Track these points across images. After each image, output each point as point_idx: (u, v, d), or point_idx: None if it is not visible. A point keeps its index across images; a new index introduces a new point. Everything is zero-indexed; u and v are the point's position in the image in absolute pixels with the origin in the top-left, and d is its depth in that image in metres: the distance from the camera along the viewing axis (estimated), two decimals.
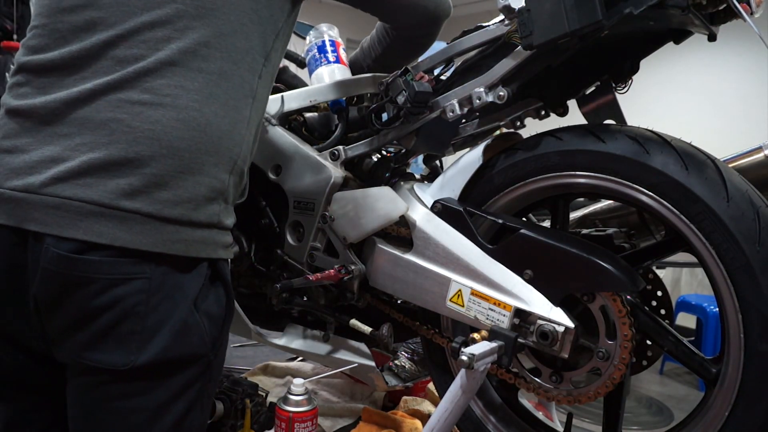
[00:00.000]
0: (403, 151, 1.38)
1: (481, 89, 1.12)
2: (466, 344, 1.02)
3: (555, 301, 1.07)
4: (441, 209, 1.21)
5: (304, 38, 1.65)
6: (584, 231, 1.24)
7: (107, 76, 0.87)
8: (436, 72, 1.25)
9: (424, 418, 1.62)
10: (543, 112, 1.26)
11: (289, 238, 1.43)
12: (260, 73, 1.00)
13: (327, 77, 1.51)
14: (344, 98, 1.44)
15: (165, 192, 0.87)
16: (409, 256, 1.22)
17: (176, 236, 0.88)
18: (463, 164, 1.23)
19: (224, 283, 0.98)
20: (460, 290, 1.14)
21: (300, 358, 2.11)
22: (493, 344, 1.03)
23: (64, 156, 0.85)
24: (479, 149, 1.22)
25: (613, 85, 1.17)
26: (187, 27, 0.90)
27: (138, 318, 0.86)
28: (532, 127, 1.26)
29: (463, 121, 1.32)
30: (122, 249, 0.85)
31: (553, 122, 1.16)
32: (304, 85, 1.56)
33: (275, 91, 1.76)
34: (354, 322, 1.35)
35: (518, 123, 1.30)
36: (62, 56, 0.90)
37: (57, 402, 0.96)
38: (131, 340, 0.87)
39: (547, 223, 1.28)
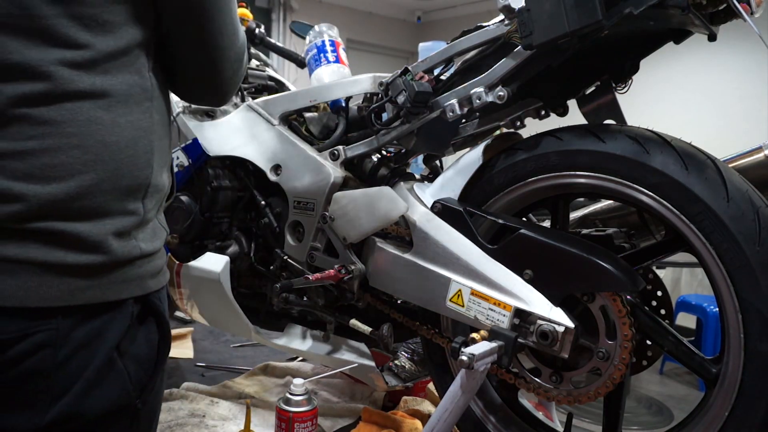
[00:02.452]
0: (403, 151, 1.38)
1: (481, 89, 1.12)
2: (466, 344, 1.02)
3: (555, 301, 1.07)
4: (441, 209, 1.21)
5: (304, 38, 1.65)
6: (584, 231, 1.24)
7: None
8: (436, 72, 1.25)
9: (424, 418, 1.62)
10: (543, 112, 1.26)
11: (289, 238, 1.43)
12: (149, 66, 0.82)
13: (327, 77, 1.51)
14: (344, 98, 1.44)
15: (63, 242, 0.73)
16: (409, 256, 1.22)
17: (86, 283, 0.74)
18: (463, 164, 1.23)
19: (157, 317, 0.84)
20: (460, 290, 1.14)
21: (300, 358, 2.11)
22: (493, 344, 1.03)
23: None
24: (479, 149, 1.22)
25: (613, 85, 1.17)
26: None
27: (43, 376, 0.73)
28: (532, 127, 1.26)
29: (463, 121, 1.32)
30: (17, 308, 0.70)
31: (553, 122, 1.16)
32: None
33: (274, 90, 1.77)
34: (354, 322, 1.35)
35: (518, 123, 1.29)
36: None
37: None
38: (37, 400, 0.74)
39: (547, 223, 1.28)
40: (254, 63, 1.85)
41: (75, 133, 0.73)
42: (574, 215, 1.56)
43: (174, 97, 1.04)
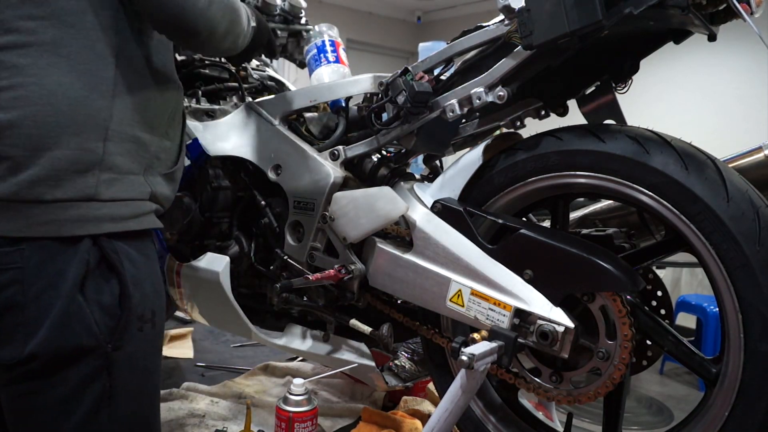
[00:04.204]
0: (403, 151, 1.38)
1: (481, 89, 1.12)
2: (466, 344, 1.02)
3: (555, 301, 1.07)
4: (441, 209, 1.21)
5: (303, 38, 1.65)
6: (584, 231, 1.24)
7: None
8: (436, 72, 1.25)
9: (424, 418, 1.62)
10: (543, 112, 1.26)
11: (289, 238, 1.43)
12: (117, 29, 0.94)
13: (327, 77, 1.51)
14: (344, 98, 1.44)
15: (19, 174, 0.84)
16: (409, 256, 1.22)
17: (43, 217, 0.85)
18: (463, 164, 1.23)
19: (115, 270, 0.92)
20: (460, 290, 1.14)
21: (300, 358, 2.11)
22: (493, 344, 1.03)
23: None
24: (479, 149, 1.22)
25: (613, 85, 1.17)
26: None
27: (17, 310, 0.85)
28: (532, 127, 1.26)
29: (463, 121, 1.32)
30: None
31: (553, 122, 1.16)
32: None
33: (274, 90, 1.77)
34: (354, 322, 1.35)
35: (518, 123, 1.29)
36: None
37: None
38: (16, 333, 0.86)
39: (547, 223, 1.28)
40: (254, 63, 1.85)
41: (35, 73, 0.86)
42: (574, 215, 1.56)
43: None
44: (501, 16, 1.08)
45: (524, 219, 1.26)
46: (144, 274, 0.97)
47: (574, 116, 1.22)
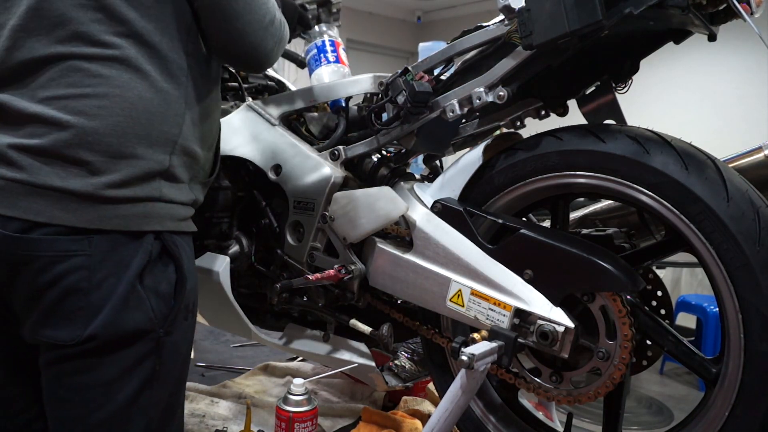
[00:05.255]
0: (403, 151, 1.38)
1: (481, 89, 1.12)
2: (466, 344, 1.02)
3: (555, 301, 1.07)
4: (441, 209, 1.21)
5: (304, 38, 1.65)
6: (584, 231, 1.24)
7: (31, 77, 0.92)
8: (436, 72, 1.25)
9: (424, 418, 1.62)
10: (543, 112, 1.26)
11: (289, 238, 1.43)
12: (187, 51, 1.02)
13: (327, 77, 1.51)
14: (344, 98, 1.44)
15: (96, 177, 0.91)
16: (409, 256, 1.22)
17: (113, 212, 0.92)
18: (463, 164, 1.23)
19: (175, 260, 1.00)
20: (460, 290, 1.14)
21: (300, 358, 2.11)
22: (493, 344, 1.03)
23: (10, 144, 0.91)
24: (479, 149, 1.22)
25: (613, 85, 1.17)
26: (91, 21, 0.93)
27: (81, 294, 0.91)
28: (532, 127, 1.26)
29: (463, 121, 1.32)
30: (60, 226, 0.89)
31: (553, 122, 1.16)
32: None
33: (274, 90, 1.77)
34: (354, 322, 1.35)
35: (518, 123, 1.29)
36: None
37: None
38: (77, 316, 0.91)
39: (547, 223, 1.28)
40: None
41: (119, 85, 0.93)
42: (574, 215, 1.56)
43: None
44: (501, 16, 1.08)
45: (524, 219, 1.26)
46: (192, 267, 1.05)
47: (574, 116, 1.22)
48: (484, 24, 1.15)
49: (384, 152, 1.45)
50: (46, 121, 0.90)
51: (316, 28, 1.59)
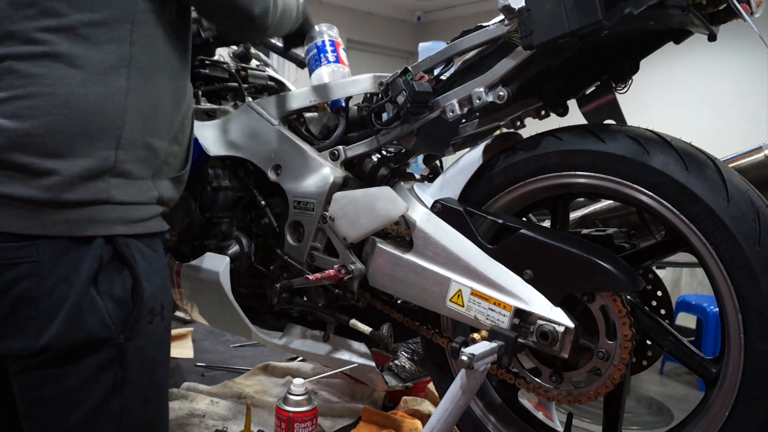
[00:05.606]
0: (403, 151, 1.38)
1: (481, 89, 1.12)
2: (466, 344, 1.02)
3: (555, 301, 1.07)
4: (441, 209, 1.21)
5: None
6: (584, 231, 1.24)
7: None
8: (436, 72, 1.25)
9: (424, 418, 1.62)
10: (543, 112, 1.26)
11: (289, 238, 1.43)
12: (131, 40, 0.96)
13: (327, 77, 1.51)
14: (344, 98, 1.44)
15: (36, 180, 0.88)
16: (409, 256, 1.22)
17: (57, 217, 0.89)
18: (463, 164, 1.23)
19: (128, 265, 0.96)
20: (460, 290, 1.14)
21: (300, 358, 2.11)
22: (493, 344, 1.03)
23: None
24: (479, 149, 1.22)
25: (613, 85, 1.17)
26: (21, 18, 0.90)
27: (31, 303, 0.88)
28: (532, 127, 1.26)
29: (463, 121, 1.31)
30: (3, 234, 0.87)
31: (553, 122, 1.16)
32: None
33: (274, 90, 1.77)
34: (354, 322, 1.35)
35: (518, 123, 1.29)
36: None
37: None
38: (28, 326, 0.89)
39: (547, 223, 1.28)
40: (254, 63, 1.85)
41: (50, 83, 0.89)
42: (574, 215, 1.56)
43: None
44: (501, 16, 1.08)
45: (524, 219, 1.26)
46: (154, 269, 1.00)
47: (574, 116, 1.22)
48: (484, 24, 1.15)
49: (384, 152, 1.45)
50: None
51: (316, 27, 1.59)
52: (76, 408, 0.93)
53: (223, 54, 1.77)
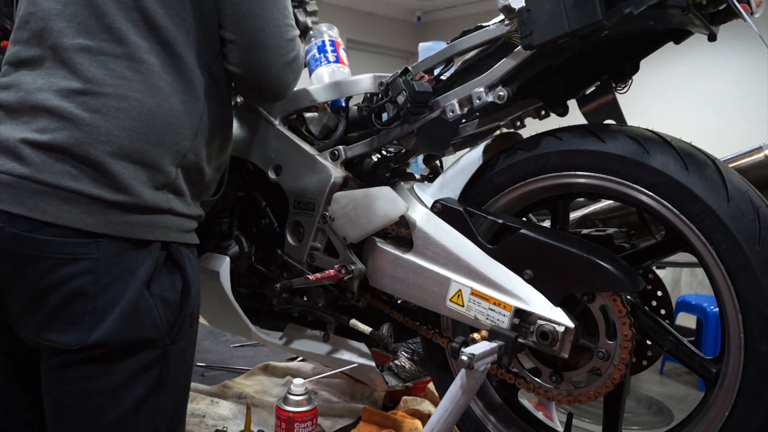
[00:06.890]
0: (403, 151, 1.38)
1: (481, 89, 1.12)
2: (466, 344, 1.02)
3: (555, 301, 1.07)
4: (441, 209, 1.21)
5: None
6: (584, 231, 1.24)
7: (55, 69, 0.92)
8: (436, 72, 1.25)
9: (424, 418, 1.62)
10: (543, 112, 1.26)
11: (289, 238, 1.43)
12: (210, 70, 1.04)
13: (327, 77, 1.51)
14: (344, 98, 1.44)
15: (106, 178, 0.90)
16: (409, 256, 1.22)
17: (120, 218, 0.92)
18: (463, 164, 1.23)
19: (181, 269, 1.01)
20: (460, 290, 1.14)
21: (300, 358, 2.11)
22: (493, 344, 1.03)
23: (22, 138, 0.90)
24: (479, 149, 1.22)
25: (613, 85, 1.17)
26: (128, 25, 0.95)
27: (87, 298, 0.90)
28: (532, 127, 1.26)
29: (463, 121, 1.32)
30: (67, 228, 0.88)
31: (553, 122, 1.16)
32: None
33: None
34: (354, 322, 1.35)
35: (518, 123, 1.29)
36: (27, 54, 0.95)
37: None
38: (82, 321, 0.90)
39: (547, 223, 1.28)
40: None
41: (141, 90, 0.93)
42: (574, 215, 1.56)
43: None
44: (501, 16, 1.08)
45: (524, 219, 1.26)
46: (195, 277, 1.06)
47: (574, 116, 1.22)
48: (484, 24, 1.15)
49: (384, 152, 1.45)
50: (60, 116, 0.89)
51: (316, 27, 1.59)
52: (115, 405, 0.94)
53: None
